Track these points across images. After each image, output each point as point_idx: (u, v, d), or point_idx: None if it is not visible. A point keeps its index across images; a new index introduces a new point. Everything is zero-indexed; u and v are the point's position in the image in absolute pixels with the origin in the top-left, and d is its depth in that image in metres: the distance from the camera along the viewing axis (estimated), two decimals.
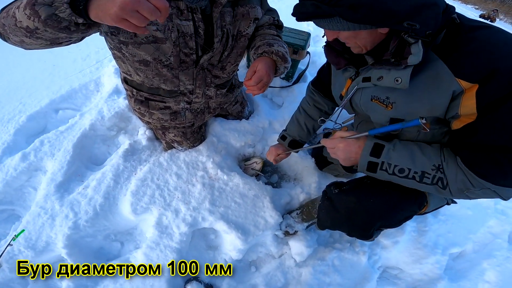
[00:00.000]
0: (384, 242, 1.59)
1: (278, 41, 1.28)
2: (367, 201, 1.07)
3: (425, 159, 0.90)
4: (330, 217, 1.20)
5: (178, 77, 1.31)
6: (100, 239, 1.54)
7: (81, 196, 1.60)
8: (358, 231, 1.14)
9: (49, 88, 2.16)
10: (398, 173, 0.93)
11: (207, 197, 1.55)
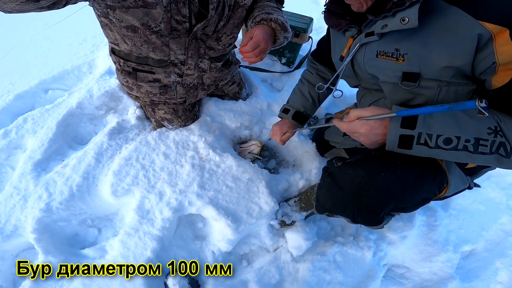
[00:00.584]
0: (391, 236, 1.31)
1: (277, 11, 1.13)
2: (378, 176, 0.79)
3: (476, 122, 0.67)
4: (331, 197, 0.90)
5: (169, 45, 1.13)
6: (75, 224, 1.26)
7: (58, 176, 1.33)
8: (366, 214, 0.85)
9: (41, 70, 1.91)
10: (443, 144, 0.68)
11: (196, 179, 1.28)
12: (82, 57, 1.97)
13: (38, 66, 1.94)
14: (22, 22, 2.37)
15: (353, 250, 1.22)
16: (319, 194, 0.97)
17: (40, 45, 2.12)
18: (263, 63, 1.84)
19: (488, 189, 1.65)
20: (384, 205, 0.81)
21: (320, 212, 1.02)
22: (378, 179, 0.79)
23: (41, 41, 2.14)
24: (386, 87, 0.88)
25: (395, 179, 0.78)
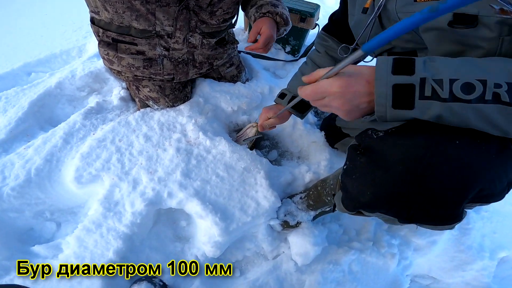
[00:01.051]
0: (418, 242, 0.98)
1: (280, 3, 1.03)
2: (451, 144, 0.47)
3: (502, 62, 0.44)
4: (372, 184, 0.52)
5: (155, 14, 0.93)
6: (29, 217, 0.96)
7: (18, 157, 1.04)
8: (436, 205, 0.49)
9: (27, 53, 1.67)
10: (462, 93, 0.42)
11: (180, 166, 0.97)
12: (73, 42, 1.72)
13: (26, 50, 1.69)
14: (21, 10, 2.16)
15: (373, 258, 0.90)
16: (347, 183, 0.58)
17: (34, 32, 1.88)
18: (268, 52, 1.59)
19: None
20: (466, 188, 0.47)
21: (349, 209, 0.61)
22: (451, 148, 0.46)
23: (36, 29, 1.91)
24: (429, 37, 0.59)
25: (477, 150, 0.46)
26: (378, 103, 0.46)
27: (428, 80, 0.43)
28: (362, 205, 0.56)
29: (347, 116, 0.52)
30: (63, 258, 0.83)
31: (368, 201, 0.54)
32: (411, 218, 0.53)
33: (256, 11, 1.00)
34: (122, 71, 1.11)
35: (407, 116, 0.46)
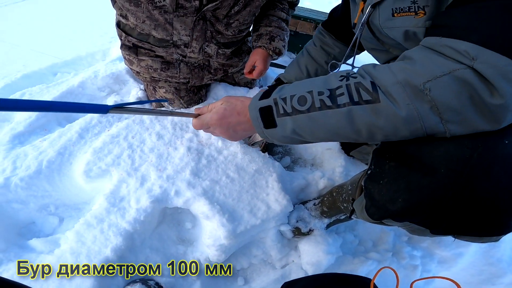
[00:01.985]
0: (442, 254, 0.86)
1: (281, 32, 1.05)
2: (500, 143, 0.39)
3: (326, 77, 0.49)
4: (405, 189, 0.44)
5: (172, 24, 0.92)
6: (33, 209, 0.89)
7: (32, 149, 1.01)
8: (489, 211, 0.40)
9: (55, 55, 1.71)
10: (298, 105, 0.47)
11: (190, 165, 0.91)
12: (99, 46, 1.75)
13: (54, 52, 1.73)
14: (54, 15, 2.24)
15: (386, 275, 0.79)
16: (373, 189, 0.50)
17: (64, 35, 1.94)
18: (281, 60, 1.55)
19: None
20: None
21: (374, 218, 0.52)
22: (502, 146, 0.39)
23: (66, 33, 1.97)
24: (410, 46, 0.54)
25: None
26: (255, 125, 0.51)
27: (278, 99, 0.49)
28: (391, 214, 0.47)
29: (231, 139, 0.60)
30: (58, 253, 0.74)
31: (399, 209, 0.45)
32: (451, 228, 0.43)
33: (255, 40, 1.05)
34: (141, 72, 1.09)
35: (278, 134, 0.50)
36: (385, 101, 0.41)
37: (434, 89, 0.38)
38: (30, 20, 2.10)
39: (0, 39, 1.84)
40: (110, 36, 1.87)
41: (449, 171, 0.40)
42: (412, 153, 0.45)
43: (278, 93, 0.50)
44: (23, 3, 2.32)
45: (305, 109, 0.46)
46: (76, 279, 0.71)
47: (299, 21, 1.48)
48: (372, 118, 0.42)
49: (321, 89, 0.46)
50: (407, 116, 0.40)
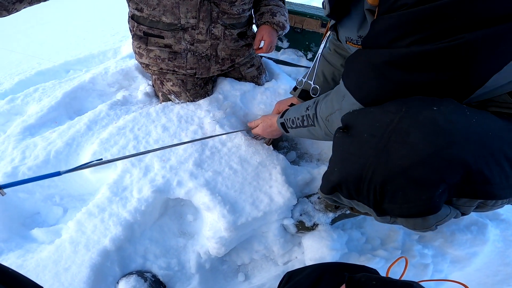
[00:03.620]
0: (455, 253, 0.80)
1: (280, 9, 1.11)
2: (429, 110, 0.39)
3: (303, 105, 0.75)
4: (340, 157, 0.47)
5: (179, 7, 0.95)
6: (38, 199, 0.89)
7: (42, 140, 1.02)
8: (405, 185, 0.38)
9: (69, 53, 1.74)
10: (292, 124, 0.78)
11: (193, 156, 0.89)
12: (110, 45, 1.78)
13: (68, 50, 1.77)
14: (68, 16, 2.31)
15: (403, 267, 0.73)
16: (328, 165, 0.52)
17: (77, 35, 2.00)
18: (288, 58, 1.53)
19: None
20: (443, 165, 0.36)
21: (324, 191, 0.51)
22: (426, 114, 0.38)
23: (79, 32, 2.02)
24: None
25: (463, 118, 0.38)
26: (281, 131, 0.85)
27: (285, 119, 0.80)
28: (332, 185, 0.47)
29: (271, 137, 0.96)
30: (58, 243, 0.74)
31: (335, 179, 0.46)
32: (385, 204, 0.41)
33: (258, 19, 1.11)
34: (150, 64, 1.09)
35: (290, 135, 0.85)
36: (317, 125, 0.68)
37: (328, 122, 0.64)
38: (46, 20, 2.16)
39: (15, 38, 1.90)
40: (121, 36, 1.91)
41: (370, 136, 0.41)
42: (351, 123, 0.47)
43: (285, 116, 0.80)
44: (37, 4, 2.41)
45: (295, 126, 0.77)
46: (72, 269, 0.69)
47: (305, 18, 1.46)
48: (314, 133, 0.71)
49: (298, 115, 0.74)
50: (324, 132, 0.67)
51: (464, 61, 0.39)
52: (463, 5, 0.36)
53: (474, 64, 0.39)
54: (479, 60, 0.38)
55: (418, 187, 0.37)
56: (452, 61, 0.39)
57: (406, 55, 0.42)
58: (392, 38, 0.43)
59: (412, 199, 0.38)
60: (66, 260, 0.70)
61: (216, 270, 0.82)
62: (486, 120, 0.40)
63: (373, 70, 0.47)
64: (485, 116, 0.41)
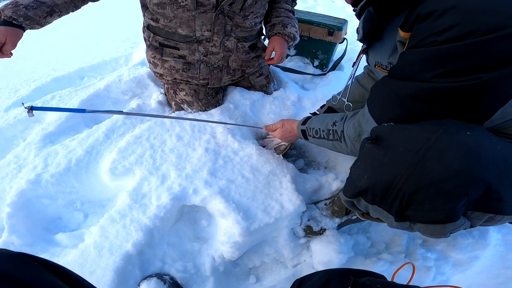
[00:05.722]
0: (457, 257, 0.85)
1: (291, 20, 1.16)
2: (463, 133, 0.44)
3: (330, 119, 0.80)
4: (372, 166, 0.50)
5: (195, 20, 0.99)
6: (60, 205, 0.95)
7: (62, 148, 1.08)
8: (434, 195, 0.43)
9: (82, 60, 1.80)
10: (315, 134, 0.84)
11: (207, 165, 0.95)
12: (122, 51, 1.84)
13: (81, 56, 1.83)
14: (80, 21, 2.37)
15: (406, 270, 0.78)
16: (352, 170, 0.56)
17: (89, 41, 2.05)
18: (295, 65, 1.58)
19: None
20: (469, 182, 0.41)
21: (347, 195, 0.55)
22: (460, 136, 0.43)
23: (91, 38, 2.08)
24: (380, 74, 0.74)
25: (491, 144, 0.44)
26: (300, 138, 0.92)
27: (307, 127, 0.87)
28: (359, 190, 0.51)
29: (287, 141, 1.04)
30: (82, 247, 0.80)
31: (364, 185, 0.50)
32: (404, 211, 0.46)
33: (269, 30, 1.15)
34: (164, 74, 1.15)
35: (309, 142, 0.91)
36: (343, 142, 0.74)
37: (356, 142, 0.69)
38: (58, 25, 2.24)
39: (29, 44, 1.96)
40: (132, 42, 1.96)
41: (406, 150, 0.45)
42: (387, 135, 0.51)
43: (308, 123, 0.87)
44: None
45: (318, 137, 0.83)
46: (97, 272, 0.75)
47: (312, 26, 1.50)
48: (338, 147, 0.78)
49: (324, 128, 0.80)
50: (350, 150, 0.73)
51: (478, 97, 0.45)
52: (483, 47, 0.42)
53: (485, 100, 0.45)
54: (490, 97, 0.44)
55: (445, 198, 0.42)
56: (469, 97, 0.45)
57: (429, 90, 0.47)
58: (418, 71, 0.49)
59: (438, 207, 0.43)
60: (91, 264, 0.76)
61: (229, 272, 0.88)
62: (507, 147, 0.46)
63: (397, 101, 0.53)
64: (506, 144, 0.47)
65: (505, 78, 0.43)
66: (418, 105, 0.50)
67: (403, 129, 0.49)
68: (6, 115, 1.37)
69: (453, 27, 0.45)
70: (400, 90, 0.52)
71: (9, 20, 0.87)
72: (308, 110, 1.22)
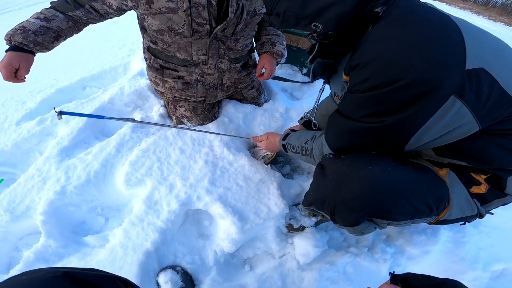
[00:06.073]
0: (411, 251, 1.11)
1: (279, 38, 1.34)
2: (364, 168, 0.67)
3: (303, 137, 1.00)
4: (315, 187, 0.79)
5: (191, 46, 1.15)
6: (84, 211, 1.19)
7: (79, 161, 1.30)
8: (343, 208, 0.70)
9: (82, 68, 1.97)
10: (292, 149, 1.04)
11: (208, 175, 1.19)
12: (120, 59, 2.02)
13: (81, 65, 2.00)
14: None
15: (367, 262, 1.04)
16: (310, 186, 0.85)
17: (86, 47, 2.21)
18: (284, 73, 1.78)
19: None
20: (363, 201, 0.66)
21: (304, 204, 0.85)
22: (362, 170, 0.66)
23: (88, 45, 2.23)
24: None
25: (382, 175, 0.65)
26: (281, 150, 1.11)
27: (286, 143, 1.05)
28: (308, 202, 0.81)
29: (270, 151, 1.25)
30: (110, 247, 1.03)
31: (311, 199, 0.80)
32: (334, 217, 0.73)
33: (259, 48, 1.34)
34: (165, 92, 1.35)
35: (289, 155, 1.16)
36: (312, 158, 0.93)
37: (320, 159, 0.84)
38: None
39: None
40: (128, 49, 2.13)
41: (332, 178, 0.72)
42: (327, 163, 0.77)
43: (287, 139, 1.06)
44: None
45: (294, 151, 1.01)
46: (125, 267, 0.99)
47: (301, 37, 1.69)
48: (309, 161, 0.96)
49: (299, 145, 1.00)
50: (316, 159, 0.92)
51: (387, 134, 0.67)
52: (384, 97, 0.63)
53: (393, 136, 0.67)
54: (396, 133, 0.66)
55: (351, 211, 0.68)
56: (382, 135, 0.67)
57: (358, 128, 0.69)
58: (352, 111, 0.71)
59: (347, 217, 0.69)
60: (119, 261, 1.00)
61: (228, 263, 1.13)
62: (401, 174, 0.68)
63: (341, 135, 0.75)
64: (404, 171, 0.69)
65: (403, 119, 0.63)
66: (354, 139, 0.72)
67: (334, 162, 0.74)
68: (19, 129, 1.56)
69: (368, 80, 0.64)
70: (343, 127, 0.74)
71: (20, 45, 1.00)
72: (295, 120, 1.45)
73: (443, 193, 0.70)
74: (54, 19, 1.06)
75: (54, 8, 1.09)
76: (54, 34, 1.06)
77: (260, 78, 1.31)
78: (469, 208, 0.74)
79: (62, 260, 1.04)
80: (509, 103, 0.62)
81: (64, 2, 1.07)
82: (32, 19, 1.04)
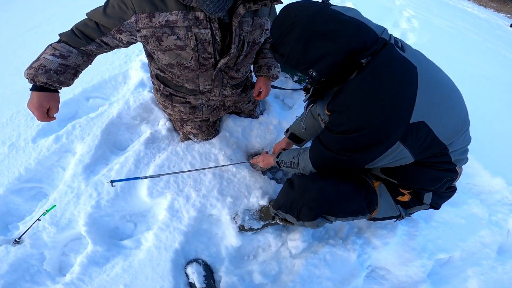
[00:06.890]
0: (376, 242, 1.62)
1: (274, 62, 1.63)
2: (320, 182, 1.13)
3: (292, 154, 1.37)
4: (285, 194, 1.24)
5: (198, 78, 1.43)
6: (117, 219, 1.62)
7: (105, 178, 1.70)
8: (306, 208, 1.14)
9: (82, 79, 2.25)
10: (284, 165, 1.41)
11: (216, 187, 1.62)
12: (117, 68, 2.31)
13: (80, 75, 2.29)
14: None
15: (341, 251, 1.54)
16: (278, 194, 1.32)
17: None
18: (276, 80, 2.14)
19: (472, 205, 1.91)
20: (319, 204, 1.13)
21: (274, 207, 1.33)
22: (319, 184, 1.14)
23: None
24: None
25: (331, 187, 1.14)
26: (275, 166, 1.52)
27: (280, 160, 1.45)
28: (279, 205, 1.28)
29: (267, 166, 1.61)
30: (145, 248, 1.49)
31: (282, 203, 1.26)
32: (299, 216, 1.19)
33: (257, 70, 1.65)
34: (173, 114, 1.72)
35: (283, 170, 1.80)
36: (298, 168, 1.30)
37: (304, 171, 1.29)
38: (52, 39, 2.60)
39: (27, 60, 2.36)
40: (124, 55, 2.40)
41: (298, 188, 1.18)
42: (294, 180, 1.23)
43: (280, 157, 1.44)
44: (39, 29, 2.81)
45: (286, 166, 1.40)
46: (161, 264, 1.45)
47: None
48: (297, 171, 1.32)
49: (288, 160, 1.37)
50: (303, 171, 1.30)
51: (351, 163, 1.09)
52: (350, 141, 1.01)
53: (355, 164, 1.09)
54: (358, 162, 1.08)
55: (310, 210, 1.15)
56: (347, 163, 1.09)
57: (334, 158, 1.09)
58: (329, 144, 1.10)
59: (308, 214, 1.16)
60: (156, 259, 1.46)
61: (237, 254, 1.61)
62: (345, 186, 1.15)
63: (321, 159, 1.17)
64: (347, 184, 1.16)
65: (364, 155, 1.01)
66: (329, 163, 1.14)
67: (300, 179, 1.19)
68: (37, 147, 1.89)
69: (341, 125, 0.98)
70: (322, 154, 1.13)
71: (45, 86, 1.17)
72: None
73: (373, 199, 1.18)
74: (69, 55, 1.22)
75: (66, 43, 1.23)
76: (73, 71, 1.26)
77: (258, 98, 1.66)
78: (392, 210, 1.22)
79: (109, 262, 1.49)
80: (439, 145, 1.01)
81: (74, 36, 1.21)
82: (48, 56, 1.19)
